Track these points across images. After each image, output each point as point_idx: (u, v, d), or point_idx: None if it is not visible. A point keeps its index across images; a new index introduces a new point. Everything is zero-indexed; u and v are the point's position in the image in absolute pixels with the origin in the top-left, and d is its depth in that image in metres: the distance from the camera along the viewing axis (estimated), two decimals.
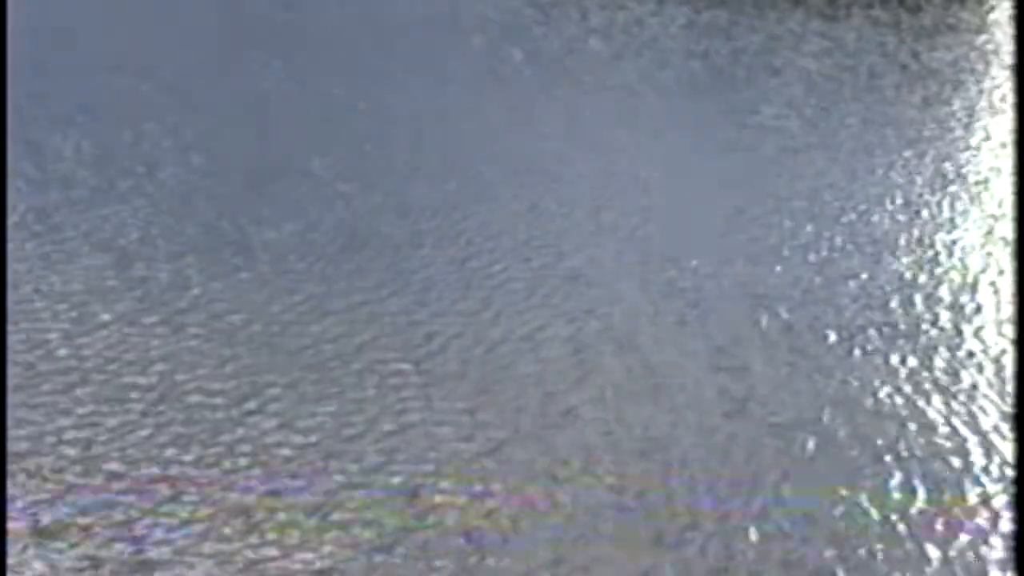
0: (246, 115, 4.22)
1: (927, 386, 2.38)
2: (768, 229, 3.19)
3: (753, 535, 1.90)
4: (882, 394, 2.35)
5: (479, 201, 3.39)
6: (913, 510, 1.98)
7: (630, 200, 3.40)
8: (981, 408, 2.30)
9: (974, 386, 2.38)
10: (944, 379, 2.41)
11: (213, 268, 2.91)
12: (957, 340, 2.58)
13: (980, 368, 2.46)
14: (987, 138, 3.97)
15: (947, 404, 2.31)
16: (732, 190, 3.48)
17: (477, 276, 2.89)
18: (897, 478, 2.06)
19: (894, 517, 1.95)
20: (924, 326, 2.64)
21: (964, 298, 2.78)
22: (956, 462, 2.12)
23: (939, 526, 1.94)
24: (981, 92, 4.56)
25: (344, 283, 2.84)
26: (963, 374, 2.43)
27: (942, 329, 2.62)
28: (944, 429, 2.22)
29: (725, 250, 3.04)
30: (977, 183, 3.54)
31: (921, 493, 2.02)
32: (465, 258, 2.99)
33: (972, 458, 2.13)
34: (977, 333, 2.61)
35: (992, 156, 3.79)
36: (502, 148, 3.88)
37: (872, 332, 2.61)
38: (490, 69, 4.95)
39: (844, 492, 2.02)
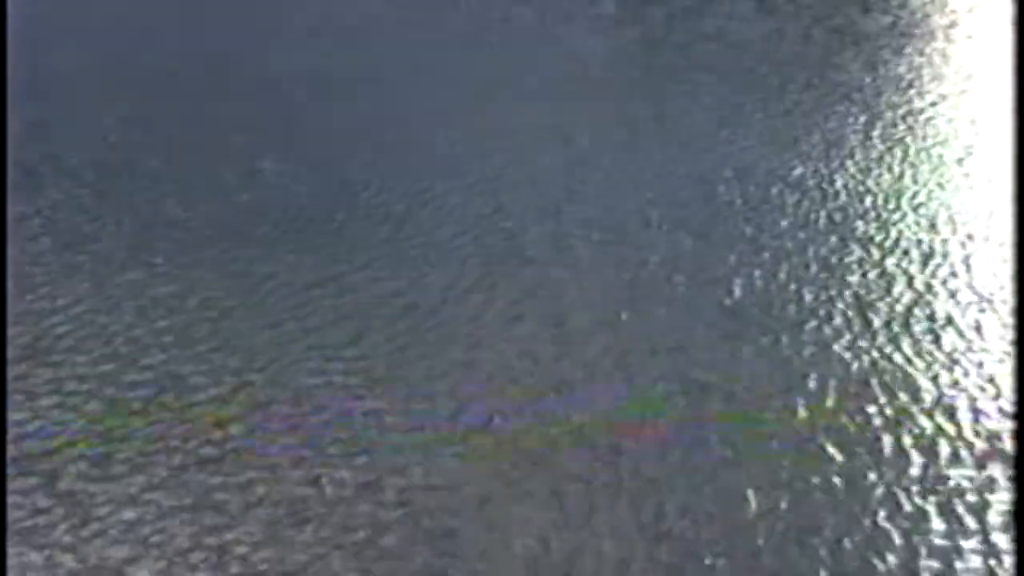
0: (185, 84, 4.10)
1: (888, 349, 2.36)
2: (707, 200, 3.15)
3: (731, 507, 1.87)
4: (845, 364, 2.33)
5: (416, 174, 3.32)
6: (889, 474, 1.97)
7: (563, 174, 3.36)
8: (947, 369, 2.29)
9: (938, 344, 2.37)
10: (905, 347, 2.40)
11: (159, 248, 2.82)
12: (911, 306, 2.57)
13: (944, 326, 2.45)
14: (933, 101, 3.97)
15: (909, 368, 2.30)
16: (667, 160, 3.44)
17: (433, 249, 2.83)
18: (866, 445, 2.05)
19: (870, 475, 1.94)
20: (880, 294, 2.63)
21: (915, 261, 2.77)
22: (926, 424, 2.11)
23: (914, 486, 1.93)
24: (922, 55, 4.57)
25: (311, 257, 2.76)
26: (924, 341, 2.42)
27: (898, 297, 2.61)
28: (904, 396, 2.21)
29: (666, 223, 3.01)
30: (930, 145, 3.53)
31: (889, 452, 2.01)
32: (415, 230, 2.93)
33: (941, 422, 2.12)
34: (934, 293, 2.60)
35: (943, 119, 3.78)
36: (430, 120, 3.81)
37: (833, 302, 2.59)
38: (416, 40, 4.87)
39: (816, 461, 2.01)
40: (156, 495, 1.90)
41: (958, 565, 1.75)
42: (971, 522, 1.85)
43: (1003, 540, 1.80)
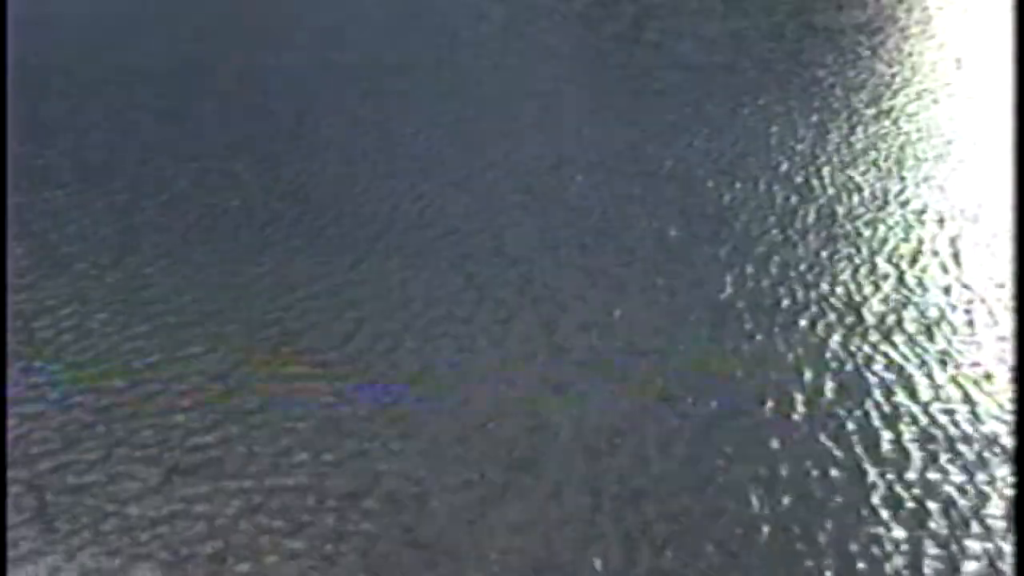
0: (167, 85, 4.06)
1: (880, 346, 2.36)
2: (690, 197, 3.14)
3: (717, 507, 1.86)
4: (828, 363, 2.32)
5: (399, 173, 3.30)
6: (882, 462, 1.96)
7: (546, 172, 3.34)
8: (940, 364, 2.29)
9: (931, 339, 2.37)
10: (898, 343, 2.39)
11: (142, 251, 2.78)
12: (902, 302, 2.56)
13: (935, 321, 2.45)
14: (913, 97, 3.98)
15: (903, 364, 2.30)
16: (649, 158, 3.43)
17: (403, 252, 2.81)
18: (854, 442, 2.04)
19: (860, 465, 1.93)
20: (868, 290, 2.62)
21: (903, 257, 2.77)
22: (923, 421, 2.10)
23: (913, 484, 1.92)
24: (899, 51, 4.58)
25: (297, 259, 2.73)
26: (916, 337, 2.42)
27: (887, 293, 2.61)
28: (899, 393, 2.21)
29: (651, 221, 3.00)
30: (911, 140, 3.54)
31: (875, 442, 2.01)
32: (400, 230, 2.91)
33: (937, 418, 2.12)
34: (923, 288, 2.60)
35: (924, 115, 3.79)
36: (410, 118, 3.79)
37: (821, 299, 2.58)
38: (385, 37, 4.84)
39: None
40: (143, 498, 1.87)
41: (958, 563, 1.74)
42: (971, 520, 1.84)
43: (1003, 538, 1.80)
